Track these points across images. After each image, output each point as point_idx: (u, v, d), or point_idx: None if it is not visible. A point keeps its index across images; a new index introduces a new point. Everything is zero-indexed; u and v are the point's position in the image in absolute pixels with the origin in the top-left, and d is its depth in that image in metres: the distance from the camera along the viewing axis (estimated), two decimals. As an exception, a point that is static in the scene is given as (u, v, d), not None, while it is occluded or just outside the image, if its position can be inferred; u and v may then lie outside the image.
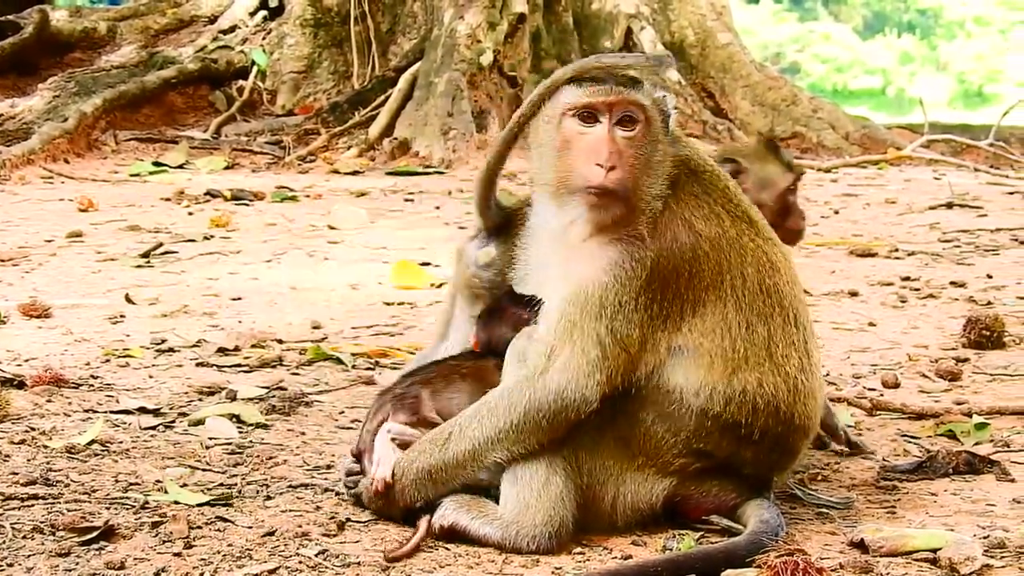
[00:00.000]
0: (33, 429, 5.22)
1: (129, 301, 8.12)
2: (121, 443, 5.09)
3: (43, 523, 4.15)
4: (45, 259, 9.76)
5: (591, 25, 19.38)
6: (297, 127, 17.66)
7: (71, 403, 5.67)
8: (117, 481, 4.63)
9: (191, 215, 12.32)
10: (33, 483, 4.54)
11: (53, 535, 4.08)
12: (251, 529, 4.18)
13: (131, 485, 4.59)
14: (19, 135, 15.99)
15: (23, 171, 14.88)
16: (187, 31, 19.41)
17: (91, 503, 4.38)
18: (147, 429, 5.34)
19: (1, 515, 4.22)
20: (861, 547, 4.14)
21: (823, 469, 5.06)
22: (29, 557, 3.90)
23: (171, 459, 4.94)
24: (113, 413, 5.54)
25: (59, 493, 4.47)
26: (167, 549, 3.99)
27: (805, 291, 4.79)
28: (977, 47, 47.99)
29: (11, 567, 3.82)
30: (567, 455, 4.14)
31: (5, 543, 4.00)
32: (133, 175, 15.43)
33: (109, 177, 15.31)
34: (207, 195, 13.42)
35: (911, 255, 10.33)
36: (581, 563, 4.04)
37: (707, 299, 4.18)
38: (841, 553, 4.12)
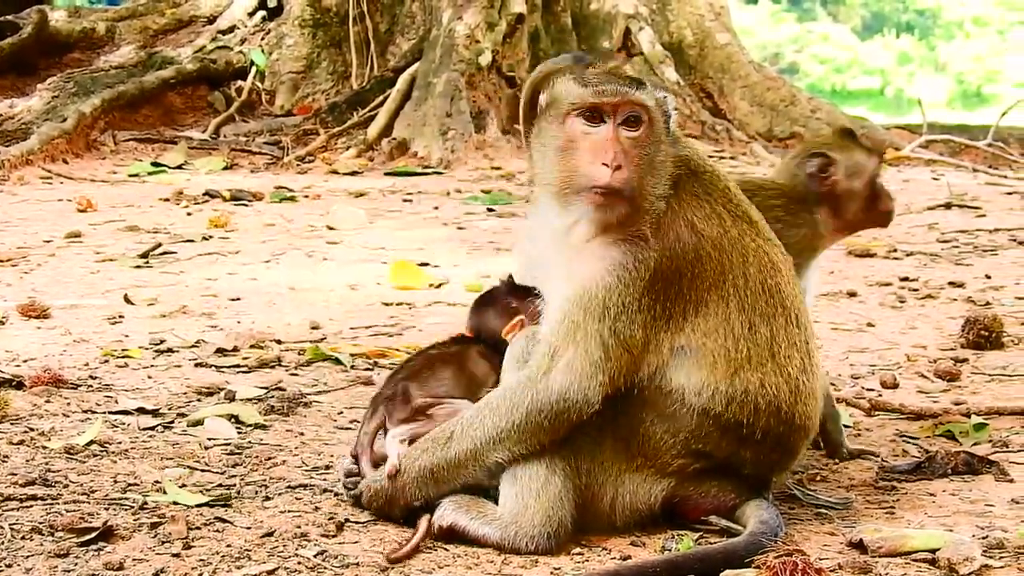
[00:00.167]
0: (32, 430, 5.22)
1: (128, 301, 8.12)
2: (120, 444, 5.09)
3: (42, 524, 4.15)
4: (44, 259, 9.76)
5: (589, 25, 19.38)
6: (296, 127, 17.66)
7: (70, 404, 5.67)
8: (116, 482, 4.63)
9: (190, 215, 12.32)
10: (32, 484, 4.54)
11: (52, 536, 4.08)
12: (250, 530, 4.18)
13: (130, 486, 4.59)
14: (18, 135, 15.99)
15: (22, 171, 14.88)
16: (186, 31, 19.42)
17: (90, 504, 4.38)
18: (146, 430, 5.34)
19: (0, 516, 4.22)
20: (860, 547, 4.14)
21: (822, 469, 5.06)
22: (28, 558, 3.90)
23: (170, 460, 4.94)
24: (112, 413, 5.54)
25: (58, 494, 4.47)
26: (166, 550, 3.99)
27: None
28: (976, 47, 48.00)
29: (10, 568, 3.82)
30: (566, 456, 4.14)
31: (4, 544, 4.00)
32: (132, 175, 15.43)
33: (108, 177, 15.31)
34: (206, 195, 13.42)
35: (910, 255, 10.33)
36: (580, 564, 4.04)
37: (709, 299, 4.18)
38: (840, 553, 4.12)
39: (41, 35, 18.58)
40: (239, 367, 6.50)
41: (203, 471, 4.81)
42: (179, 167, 16.09)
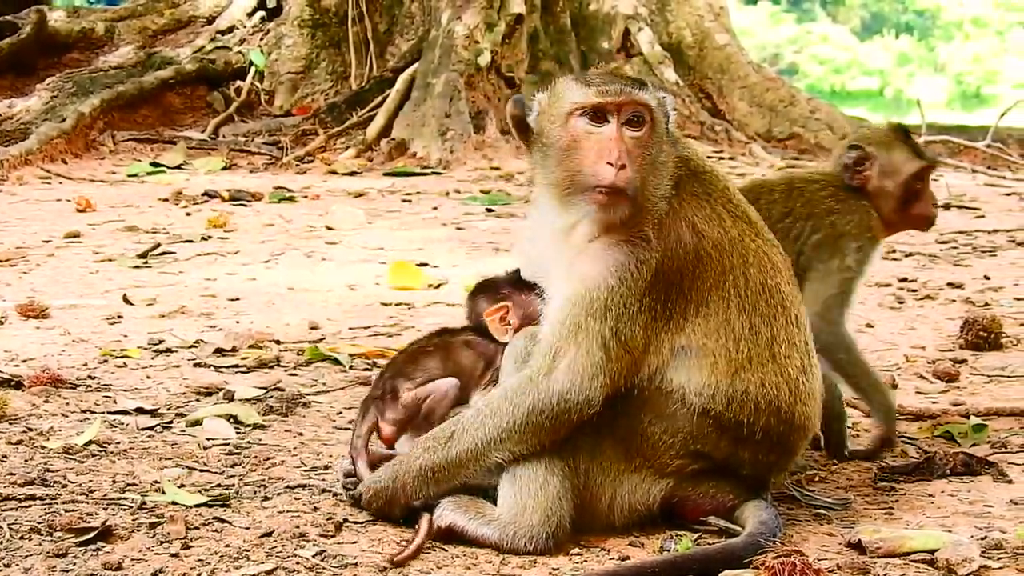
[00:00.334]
0: (31, 430, 5.22)
1: (127, 302, 8.12)
2: (119, 444, 5.09)
3: (41, 524, 4.15)
4: (43, 259, 9.76)
5: (588, 26, 19.38)
6: (295, 128, 17.65)
7: (69, 403, 5.67)
8: (115, 482, 4.63)
9: (189, 216, 12.32)
10: (31, 483, 4.54)
11: (51, 535, 4.08)
12: (248, 530, 4.18)
13: (129, 486, 4.59)
14: (17, 135, 15.99)
15: (21, 171, 14.88)
16: (185, 32, 19.41)
17: (89, 504, 4.38)
18: (145, 430, 5.34)
19: (-2, 516, 4.23)
20: (858, 548, 4.14)
21: (820, 470, 5.06)
22: (27, 558, 3.90)
23: (169, 460, 4.94)
24: (111, 413, 5.53)
25: (56, 494, 4.47)
26: (165, 550, 3.99)
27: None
28: (975, 48, 48.06)
29: (8, 568, 3.82)
30: (565, 456, 4.14)
31: (3, 544, 3.99)
32: (131, 176, 15.44)
33: (107, 177, 15.31)
34: (205, 196, 13.42)
35: (908, 256, 10.33)
36: (579, 564, 4.04)
37: (710, 299, 4.19)
38: (839, 554, 4.12)
39: (40, 35, 18.57)
40: (238, 367, 6.50)
41: (202, 471, 4.81)
42: (178, 167, 16.09)
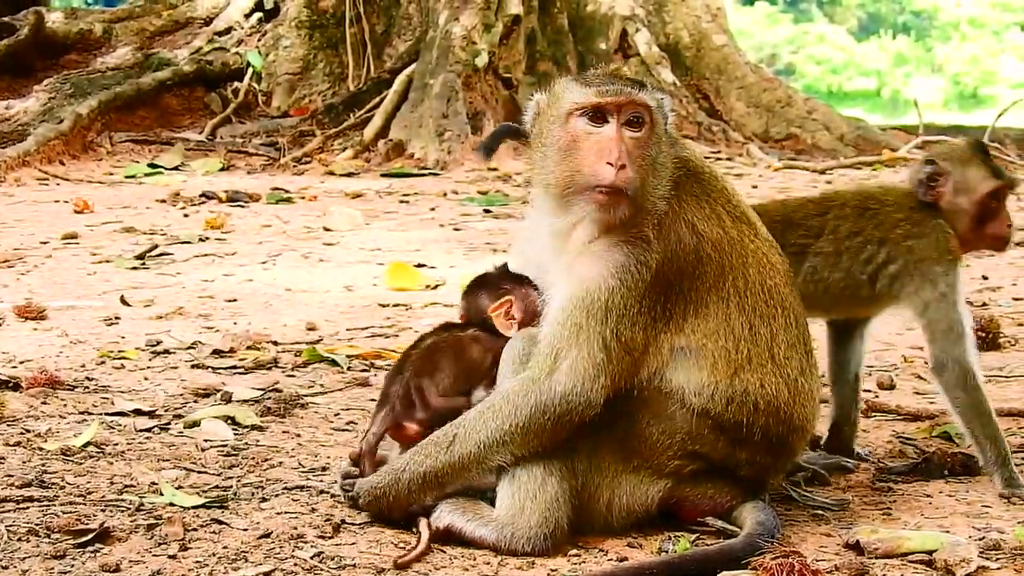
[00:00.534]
0: (28, 431, 5.22)
1: (124, 303, 8.11)
2: (116, 445, 5.09)
3: (38, 525, 4.14)
4: (40, 261, 9.76)
5: (586, 27, 19.39)
6: (292, 129, 17.66)
7: (66, 405, 5.66)
8: (112, 483, 4.63)
9: (186, 217, 12.32)
10: (28, 485, 4.54)
11: (48, 537, 4.07)
12: (246, 531, 4.18)
13: (126, 487, 4.59)
14: (14, 137, 15.99)
15: (18, 173, 14.89)
16: (182, 33, 19.40)
17: (86, 505, 4.38)
18: (142, 431, 5.34)
19: (-4, 517, 4.23)
20: (856, 549, 4.14)
21: (818, 471, 5.05)
22: (24, 559, 3.89)
23: (166, 461, 4.93)
24: (108, 415, 5.53)
25: (54, 495, 4.47)
26: (162, 551, 3.99)
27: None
28: (972, 49, 48.10)
29: (6, 569, 3.82)
30: (563, 457, 4.13)
31: (0, 545, 3.99)
32: (128, 177, 15.44)
33: (104, 179, 15.32)
34: (202, 197, 13.43)
35: (906, 256, 10.31)
36: (577, 565, 4.04)
37: (710, 300, 4.19)
38: (836, 555, 4.12)
39: (38, 36, 18.57)
40: (235, 368, 6.49)
41: (199, 472, 4.81)
42: (176, 168, 16.10)
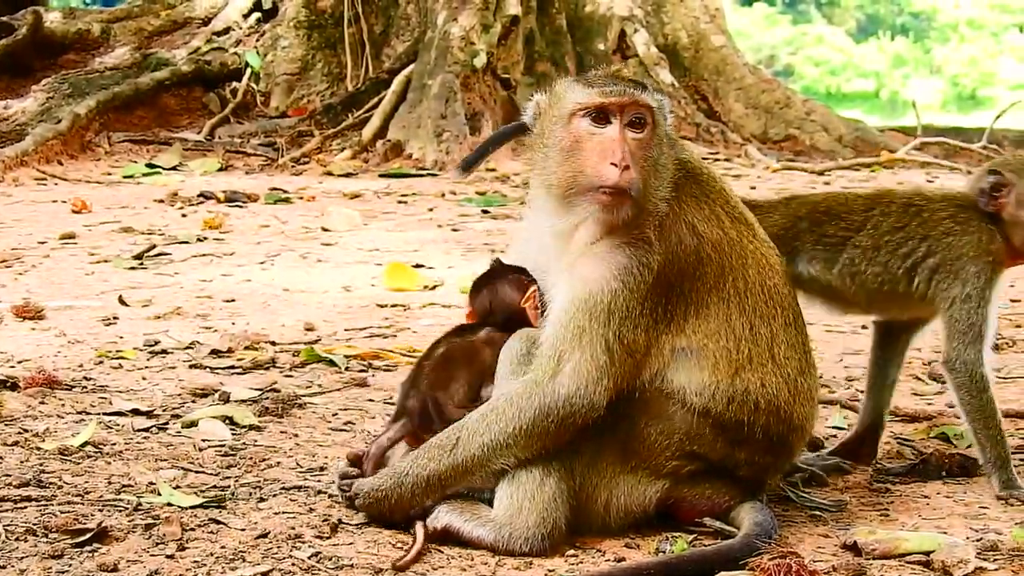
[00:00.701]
0: (26, 431, 5.21)
1: (122, 303, 8.11)
2: (114, 445, 5.09)
3: (36, 525, 4.14)
4: (38, 261, 9.75)
5: (584, 27, 19.39)
6: (290, 129, 17.65)
7: (64, 405, 5.66)
8: (110, 483, 4.62)
9: (184, 217, 12.32)
10: (26, 485, 4.54)
11: (46, 537, 4.07)
12: (244, 531, 4.18)
13: (124, 487, 4.59)
14: (12, 136, 15.98)
15: (16, 172, 14.88)
16: (181, 33, 19.39)
17: (84, 505, 4.38)
18: (140, 431, 5.33)
19: (-6, 517, 4.23)
20: (854, 549, 4.14)
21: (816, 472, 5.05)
22: (22, 559, 3.89)
23: (164, 461, 4.93)
24: (106, 415, 5.53)
25: (52, 495, 4.47)
26: (160, 551, 3.99)
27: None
28: (970, 50, 48.12)
29: (3, 569, 3.82)
30: (561, 458, 4.13)
31: (-2, 545, 4.00)
32: (126, 177, 15.43)
33: (102, 179, 15.31)
34: (200, 197, 13.42)
35: (904, 258, 10.31)
36: (574, 565, 4.04)
37: (710, 301, 4.19)
38: (834, 555, 4.12)
39: (36, 36, 18.56)
40: (233, 368, 6.49)
41: (197, 472, 4.81)
42: (174, 168, 16.08)
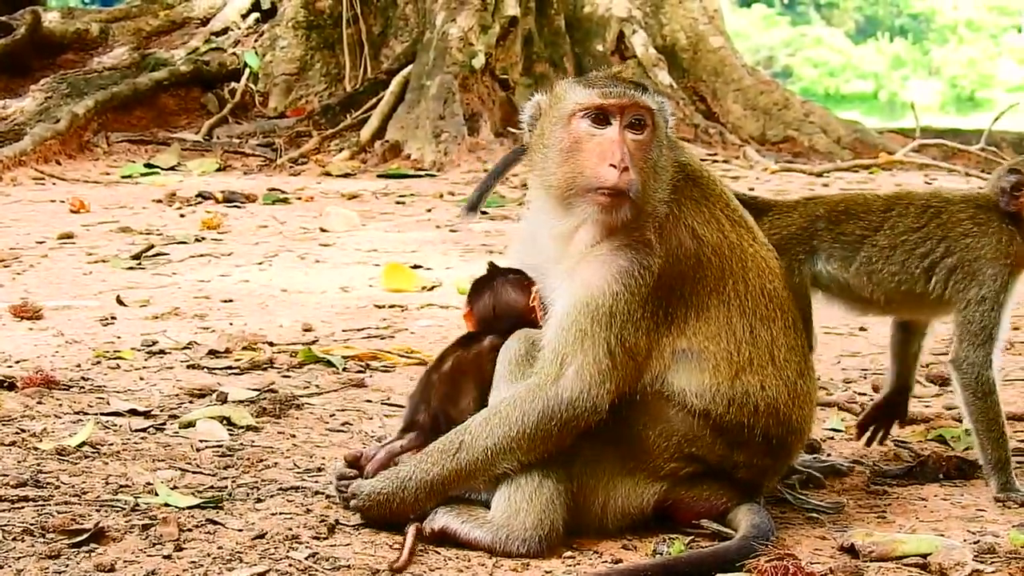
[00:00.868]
0: (23, 431, 5.21)
1: (120, 303, 8.11)
2: (112, 445, 5.08)
3: (33, 525, 4.14)
4: (36, 260, 9.75)
5: (583, 28, 19.38)
6: (289, 129, 17.64)
7: (62, 405, 5.66)
8: (107, 483, 4.62)
9: (182, 217, 12.31)
10: (23, 485, 4.54)
11: (43, 537, 4.07)
12: (241, 532, 4.18)
13: (121, 487, 4.59)
14: (11, 136, 15.96)
15: (14, 172, 14.87)
16: (179, 33, 19.38)
17: (81, 505, 4.38)
18: (137, 431, 5.33)
19: (-9, 517, 4.22)
20: (851, 552, 4.14)
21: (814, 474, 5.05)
22: (19, 559, 3.89)
23: (161, 461, 4.93)
24: (104, 415, 5.52)
25: (49, 495, 4.46)
26: (157, 551, 3.99)
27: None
28: (969, 52, 48.13)
29: (0, 569, 3.82)
30: (560, 459, 4.13)
31: (-5, 545, 3.99)
32: (125, 177, 15.42)
33: (101, 179, 15.30)
34: (198, 197, 13.42)
35: (902, 260, 10.31)
36: (571, 567, 4.04)
37: (710, 303, 4.19)
38: (831, 558, 4.12)
39: (34, 36, 18.55)
40: (231, 369, 6.49)
41: (195, 473, 4.81)
42: (172, 169, 16.07)
